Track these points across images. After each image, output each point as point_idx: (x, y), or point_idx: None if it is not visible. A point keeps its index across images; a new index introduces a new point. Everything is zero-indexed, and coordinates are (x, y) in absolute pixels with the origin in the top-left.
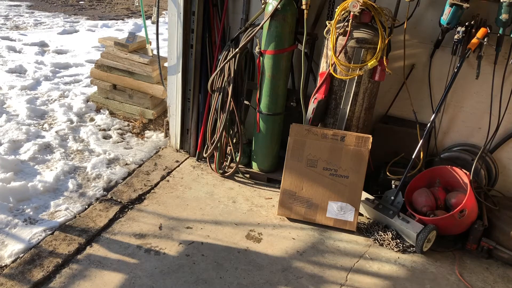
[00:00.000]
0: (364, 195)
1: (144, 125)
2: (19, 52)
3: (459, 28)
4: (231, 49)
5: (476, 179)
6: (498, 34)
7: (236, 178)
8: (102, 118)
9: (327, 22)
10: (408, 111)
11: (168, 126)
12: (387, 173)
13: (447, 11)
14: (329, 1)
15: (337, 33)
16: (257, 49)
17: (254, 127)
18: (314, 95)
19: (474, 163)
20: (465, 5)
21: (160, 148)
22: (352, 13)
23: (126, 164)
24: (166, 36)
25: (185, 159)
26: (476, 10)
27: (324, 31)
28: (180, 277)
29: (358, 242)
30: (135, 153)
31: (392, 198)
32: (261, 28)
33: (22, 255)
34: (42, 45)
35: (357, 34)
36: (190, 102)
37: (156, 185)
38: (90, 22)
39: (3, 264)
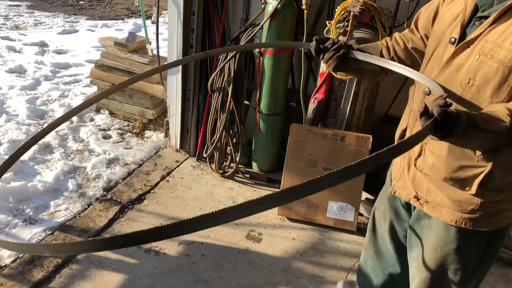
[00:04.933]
0: (364, 195)
1: (144, 125)
2: (19, 52)
3: None
4: None
5: None
6: None
7: (236, 178)
8: (102, 118)
9: (327, 22)
10: None
11: (168, 126)
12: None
13: None
14: (329, 1)
15: (337, 33)
16: (257, 49)
17: (254, 127)
18: (314, 95)
19: None
20: None
21: (160, 148)
22: (352, 13)
23: (126, 164)
24: (166, 36)
25: (185, 159)
26: None
27: (324, 31)
28: (180, 277)
29: (358, 242)
30: (135, 153)
31: None
32: (261, 28)
33: (22, 255)
34: (42, 45)
35: (357, 34)
36: (190, 102)
37: (156, 185)
38: (90, 22)
39: (3, 264)
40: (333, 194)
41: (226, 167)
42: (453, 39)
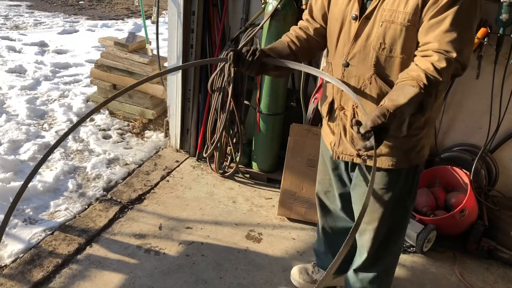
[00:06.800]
0: None
1: (144, 125)
2: (19, 52)
3: None
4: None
5: (476, 179)
6: (498, 34)
7: (236, 178)
8: (102, 118)
9: None
10: None
11: (168, 126)
12: None
13: None
14: None
15: None
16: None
17: (254, 127)
18: (314, 95)
19: (474, 163)
20: None
21: (160, 148)
22: None
23: (126, 164)
24: (166, 36)
25: (185, 159)
26: None
27: None
28: (180, 277)
29: None
30: (135, 153)
31: None
32: (261, 28)
33: (22, 255)
34: (42, 45)
35: None
36: (190, 102)
37: (156, 185)
38: (90, 22)
39: (3, 264)
40: None
41: (226, 167)
42: (354, 15)
